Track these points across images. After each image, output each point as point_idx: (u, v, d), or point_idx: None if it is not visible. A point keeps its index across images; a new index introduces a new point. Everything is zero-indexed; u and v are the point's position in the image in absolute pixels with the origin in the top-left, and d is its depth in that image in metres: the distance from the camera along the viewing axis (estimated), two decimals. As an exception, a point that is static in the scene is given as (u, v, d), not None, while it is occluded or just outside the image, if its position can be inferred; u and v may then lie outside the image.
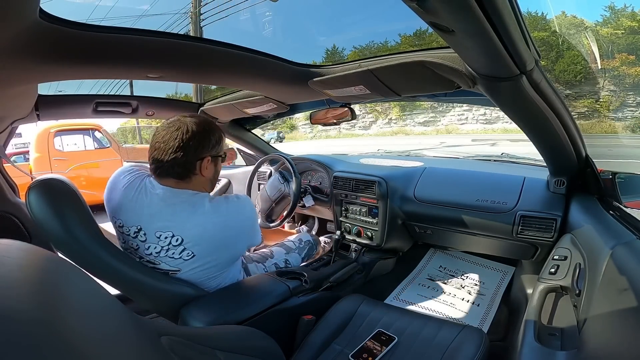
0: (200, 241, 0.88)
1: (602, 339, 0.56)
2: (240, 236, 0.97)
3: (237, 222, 0.94)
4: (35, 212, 0.78)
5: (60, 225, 0.79)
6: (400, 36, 13.29)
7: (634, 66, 14.27)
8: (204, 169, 0.91)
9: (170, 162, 0.87)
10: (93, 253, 0.82)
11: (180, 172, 0.89)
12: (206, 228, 0.88)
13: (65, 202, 0.81)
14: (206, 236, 0.88)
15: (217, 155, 0.95)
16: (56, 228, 0.78)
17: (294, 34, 14.77)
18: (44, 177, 0.83)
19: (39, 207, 0.78)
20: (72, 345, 0.28)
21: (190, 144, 0.87)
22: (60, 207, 0.80)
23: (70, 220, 0.80)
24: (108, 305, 0.41)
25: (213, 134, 0.93)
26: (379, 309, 1.04)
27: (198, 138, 0.88)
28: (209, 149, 0.91)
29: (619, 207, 0.91)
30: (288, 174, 1.65)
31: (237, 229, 0.94)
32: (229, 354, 0.58)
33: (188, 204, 0.88)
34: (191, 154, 0.88)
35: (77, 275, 0.40)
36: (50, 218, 0.78)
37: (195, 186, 0.92)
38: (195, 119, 0.91)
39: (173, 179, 0.90)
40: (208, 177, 0.95)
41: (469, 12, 0.43)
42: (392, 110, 19.67)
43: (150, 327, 0.48)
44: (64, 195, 0.82)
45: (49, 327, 0.28)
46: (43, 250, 0.37)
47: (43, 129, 4.57)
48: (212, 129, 0.93)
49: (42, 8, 0.58)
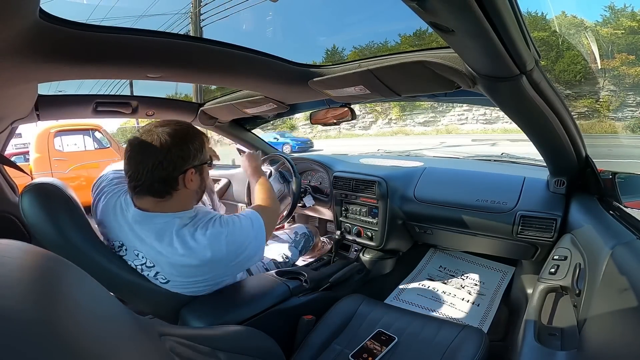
0: (171, 271, 0.83)
1: (602, 338, 0.56)
2: (216, 266, 0.85)
3: (208, 255, 0.81)
4: (29, 216, 0.78)
5: (54, 229, 0.79)
6: (400, 36, 13.31)
7: (634, 66, 14.27)
8: (188, 182, 0.82)
9: (149, 181, 0.78)
10: (88, 256, 0.82)
11: (160, 190, 0.80)
12: (173, 262, 0.81)
13: (58, 206, 0.81)
14: (175, 268, 0.82)
15: (201, 164, 0.86)
16: (50, 232, 0.78)
17: (294, 34, 14.80)
18: (37, 181, 0.83)
19: (32, 212, 0.78)
20: (72, 346, 0.28)
21: (167, 160, 0.78)
22: (53, 211, 0.80)
23: (64, 224, 0.80)
24: (108, 306, 0.41)
25: (192, 142, 0.82)
26: (379, 309, 1.04)
27: (175, 151, 0.79)
28: (190, 160, 0.82)
29: (619, 207, 0.91)
30: (288, 174, 1.65)
31: (210, 261, 0.82)
32: (229, 354, 0.58)
33: (155, 233, 0.81)
34: (170, 169, 0.79)
35: (77, 275, 0.40)
36: (44, 222, 0.78)
37: (176, 204, 0.83)
38: (168, 129, 0.80)
39: (152, 197, 0.81)
40: (194, 189, 0.86)
41: (469, 12, 0.43)
42: (392, 110, 19.66)
43: (151, 327, 0.48)
44: (57, 199, 0.82)
45: (49, 327, 0.28)
46: (43, 250, 0.37)
47: (43, 129, 4.57)
48: (190, 136, 0.83)
49: (42, 8, 0.58)
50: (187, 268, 0.83)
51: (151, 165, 0.78)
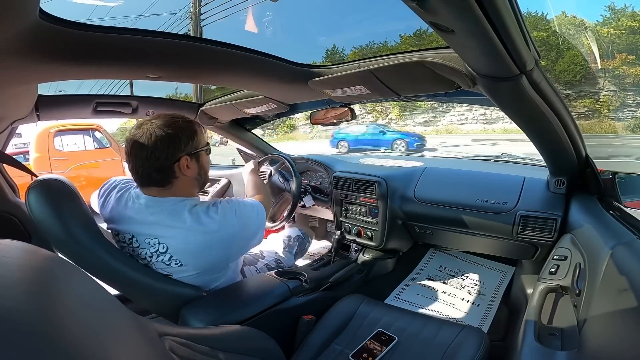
0: (185, 252, 0.86)
1: (602, 339, 0.56)
2: (228, 244, 0.90)
3: (221, 231, 0.87)
4: (35, 212, 0.78)
5: (59, 225, 0.78)
6: (400, 36, 13.30)
7: (634, 66, 14.26)
8: (184, 169, 0.86)
9: (146, 172, 0.84)
10: (93, 253, 0.82)
11: (159, 179, 0.85)
12: (188, 240, 0.85)
13: (64, 202, 0.81)
14: (190, 247, 0.86)
15: (196, 152, 0.89)
16: (56, 228, 0.78)
17: (294, 34, 14.80)
18: (44, 177, 0.82)
19: (38, 207, 0.77)
20: (71, 346, 0.28)
21: (158, 150, 0.82)
22: (59, 207, 0.79)
23: (69, 220, 0.80)
24: (108, 306, 0.41)
25: (182, 132, 0.86)
26: (379, 309, 1.04)
27: (165, 141, 0.83)
28: (181, 149, 0.86)
29: (619, 207, 0.91)
30: (288, 174, 1.65)
31: (221, 238, 0.88)
32: (229, 354, 0.58)
33: (168, 213, 0.85)
34: (163, 158, 0.83)
35: (77, 276, 0.40)
36: (50, 218, 0.78)
37: (181, 190, 0.88)
38: (159, 122, 0.85)
39: (155, 187, 0.87)
40: (192, 175, 0.90)
41: (469, 12, 0.43)
42: (392, 110, 19.65)
43: (151, 327, 0.48)
44: (64, 195, 0.82)
45: (49, 328, 0.28)
46: (43, 250, 0.37)
47: (43, 129, 4.57)
48: (179, 128, 0.86)
49: (42, 8, 0.58)
50: (201, 246, 0.86)
51: (145, 156, 0.83)
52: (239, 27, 3.20)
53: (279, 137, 20.23)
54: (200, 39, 0.88)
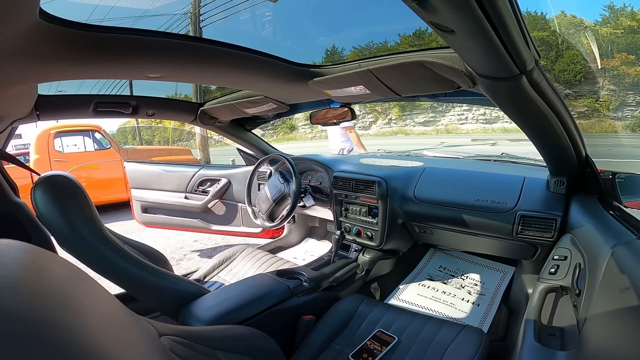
0: None
1: (602, 338, 0.56)
2: None
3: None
4: (41, 208, 0.78)
5: (64, 221, 0.79)
6: (400, 36, 13.27)
7: (634, 66, 14.25)
8: None
9: None
10: (96, 250, 0.82)
11: None
12: None
13: (70, 199, 0.81)
14: None
15: None
16: (61, 224, 0.78)
17: (294, 34, 14.77)
18: (50, 173, 0.82)
19: (44, 204, 0.77)
20: (71, 345, 0.28)
21: None
22: (65, 204, 0.80)
23: (74, 217, 0.80)
24: (108, 306, 0.41)
25: None
26: (379, 309, 1.04)
27: None
28: None
29: (619, 207, 0.91)
30: (288, 174, 1.65)
31: None
32: (229, 354, 0.58)
33: None
34: None
35: (77, 276, 0.40)
36: (55, 214, 0.78)
37: None
38: None
39: None
40: None
41: (469, 12, 0.43)
42: (392, 110, 19.65)
43: (151, 327, 0.48)
44: (70, 192, 0.82)
45: (49, 327, 0.28)
46: (43, 250, 0.37)
47: (43, 130, 4.56)
48: None
49: (42, 8, 0.58)
50: None
51: None
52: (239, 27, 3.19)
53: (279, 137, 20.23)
54: (200, 38, 0.88)
